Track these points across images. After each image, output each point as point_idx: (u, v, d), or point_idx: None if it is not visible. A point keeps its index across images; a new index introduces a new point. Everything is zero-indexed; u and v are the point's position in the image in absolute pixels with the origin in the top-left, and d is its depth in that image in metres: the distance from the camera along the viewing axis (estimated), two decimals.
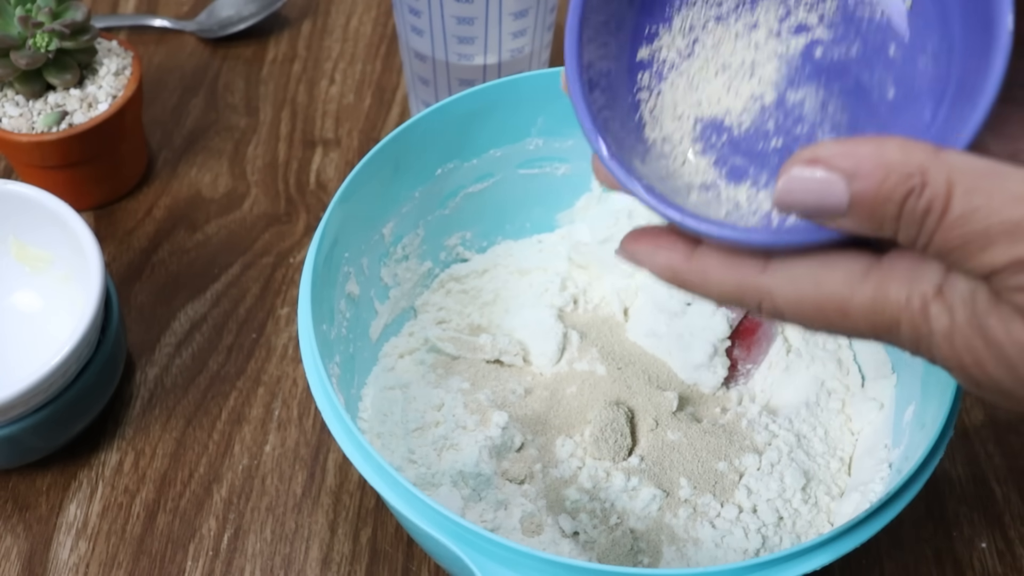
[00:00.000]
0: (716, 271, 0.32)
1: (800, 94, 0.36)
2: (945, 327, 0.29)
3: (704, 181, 0.36)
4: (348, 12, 0.77)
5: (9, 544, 0.52)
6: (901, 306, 0.30)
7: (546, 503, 0.49)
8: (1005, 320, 0.28)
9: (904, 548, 0.52)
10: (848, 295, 0.30)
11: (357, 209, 0.50)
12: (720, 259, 0.32)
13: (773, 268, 0.31)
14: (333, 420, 0.43)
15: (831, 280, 0.30)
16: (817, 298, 0.31)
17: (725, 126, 0.37)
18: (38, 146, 0.60)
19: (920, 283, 0.29)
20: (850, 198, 0.28)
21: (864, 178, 0.28)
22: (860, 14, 0.36)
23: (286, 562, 0.52)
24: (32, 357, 0.55)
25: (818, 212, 0.29)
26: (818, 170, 0.29)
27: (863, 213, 0.29)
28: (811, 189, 0.29)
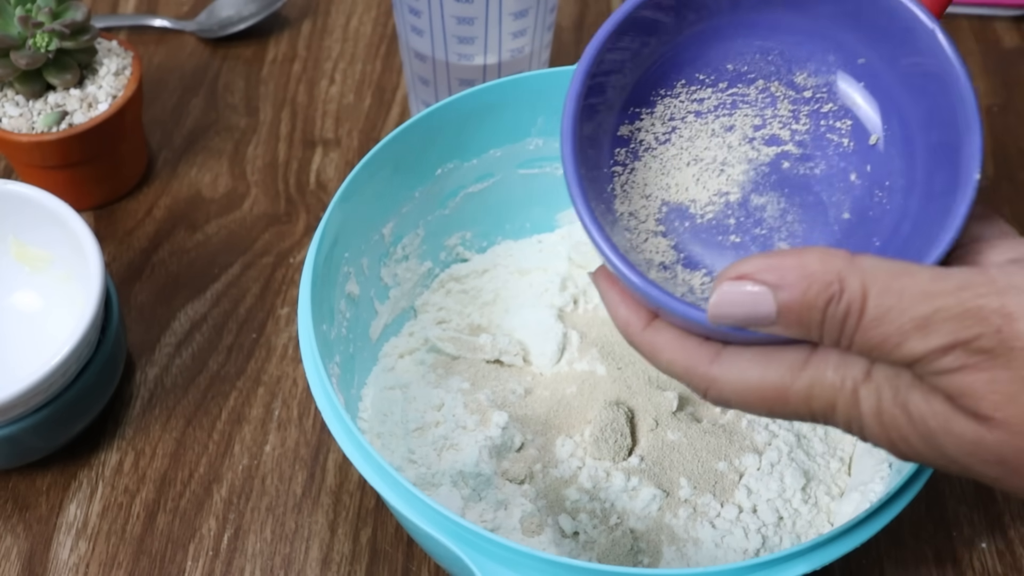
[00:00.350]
0: (667, 350, 0.35)
1: (763, 199, 0.39)
2: (873, 407, 0.32)
3: (663, 261, 0.39)
4: (348, 12, 0.77)
5: (9, 544, 0.52)
6: (836, 389, 0.33)
7: (546, 503, 0.49)
8: (927, 399, 0.31)
9: (904, 548, 0.52)
10: (789, 383, 0.33)
11: (357, 209, 0.50)
12: (673, 339, 0.35)
13: (722, 360, 0.34)
14: (333, 420, 0.43)
15: (774, 372, 0.33)
16: (761, 388, 0.33)
17: (689, 214, 0.39)
18: (38, 146, 0.60)
19: (851, 368, 0.32)
20: (777, 308, 0.31)
21: (788, 289, 0.31)
22: (829, 138, 0.39)
23: (286, 562, 0.52)
24: (32, 357, 0.55)
25: (750, 322, 0.31)
26: (747, 284, 0.31)
27: (791, 320, 0.31)
28: (742, 302, 0.31)
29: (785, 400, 0.33)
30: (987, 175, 0.68)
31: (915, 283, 0.30)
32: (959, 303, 0.30)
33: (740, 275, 0.31)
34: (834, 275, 0.30)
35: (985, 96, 0.73)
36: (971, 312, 0.29)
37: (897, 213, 0.37)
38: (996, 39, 0.76)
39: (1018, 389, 0.29)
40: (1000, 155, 0.69)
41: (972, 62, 0.75)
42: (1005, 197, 0.67)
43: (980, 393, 0.30)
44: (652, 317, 0.36)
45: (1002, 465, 0.31)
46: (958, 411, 0.31)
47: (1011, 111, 0.72)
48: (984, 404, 0.30)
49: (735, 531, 0.48)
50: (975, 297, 0.29)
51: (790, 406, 0.34)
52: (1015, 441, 0.30)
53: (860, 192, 0.38)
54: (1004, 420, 0.29)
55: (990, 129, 0.71)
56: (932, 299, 0.30)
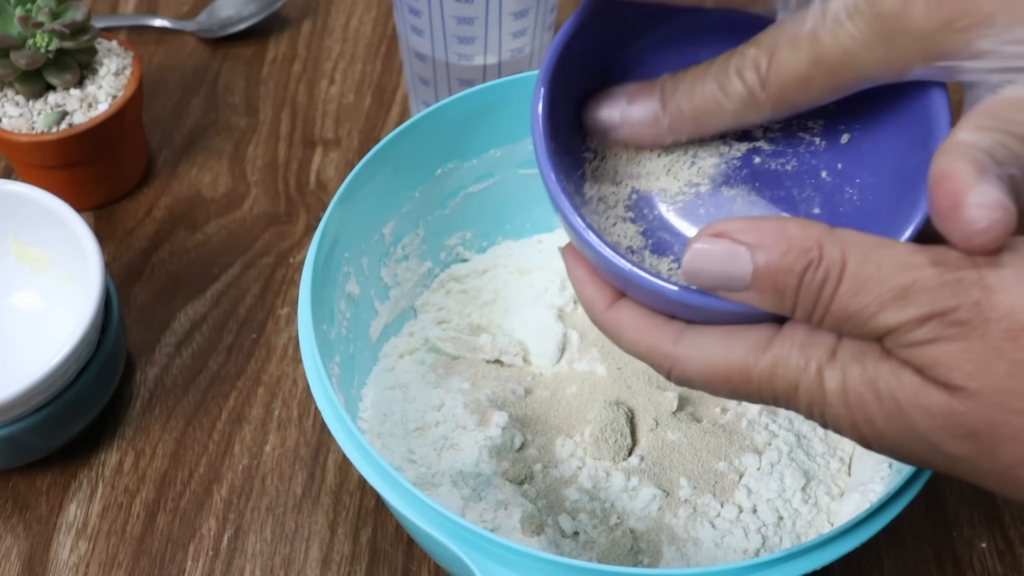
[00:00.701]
0: (631, 329, 0.35)
1: (733, 192, 0.39)
2: (838, 386, 0.32)
3: (631, 245, 0.39)
4: (348, 12, 0.77)
5: (9, 544, 0.52)
6: (800, 370, 0.32)
7: (546, 503, 0.49)
8: (896, 372, 0.31)
9: (904, 548, 0.52)
10: (752, 363, 0.33)
11: (357, 209, 0.50)
12: (637, 319, 0.35)
13: (686, 339, 0.34)
14: (333, 420, 0.43)
15: (737, 351, 0.33)
16: (725, 366, 0.33)
17: (659, 202, 0.39)
18: (38, 146, 0.60)
19: (816, 348, 0.32)
20: (754, 269, 0.30)
21: (767, 250, 0.30)
22: (801, 136, 0.39)
23: (286, 562, 0.52)
24: (32, 357, 0.55)
25: (723, 282, 0.31)
26: (724, 242, 0.31)
27: (766, 285, 0.31)
28: (717, 259, 0.31)
29: (748, 380, 0.33)
30: None
31: (894, 254, 0.30)
32: (937, 275, 0.29)
33: (718, 232, 0.31)
34: (813, 241, 0.30)
35: None
36: (950, 284, 0.29)
37: (868, 208, 0.37)
38: None
39: (992, 359, 0.29)
40: None
41: None
42: None
43: (954, 363, 0.29)
44: (617, 296, 0.36)
45: (972, 439, 0.30)
46: (929, 383, 0.30)
47: None
48: (956, 374, 0.29)
49: (735, 531, 0.48)
50: (954, 270, 0.29)
51: (753, 386, 0.33)
52: (986, 411, 0.29)
53: (831, 188, 0.38)
54: (977, 390, 0.29)
55: None
56: (910, 270, 0.30)
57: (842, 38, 0.33)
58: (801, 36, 0.33)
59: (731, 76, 0.35)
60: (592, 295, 0.36)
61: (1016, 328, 0.29)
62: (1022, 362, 0.29)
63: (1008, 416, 0.29)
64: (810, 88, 0.34)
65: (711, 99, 0.36)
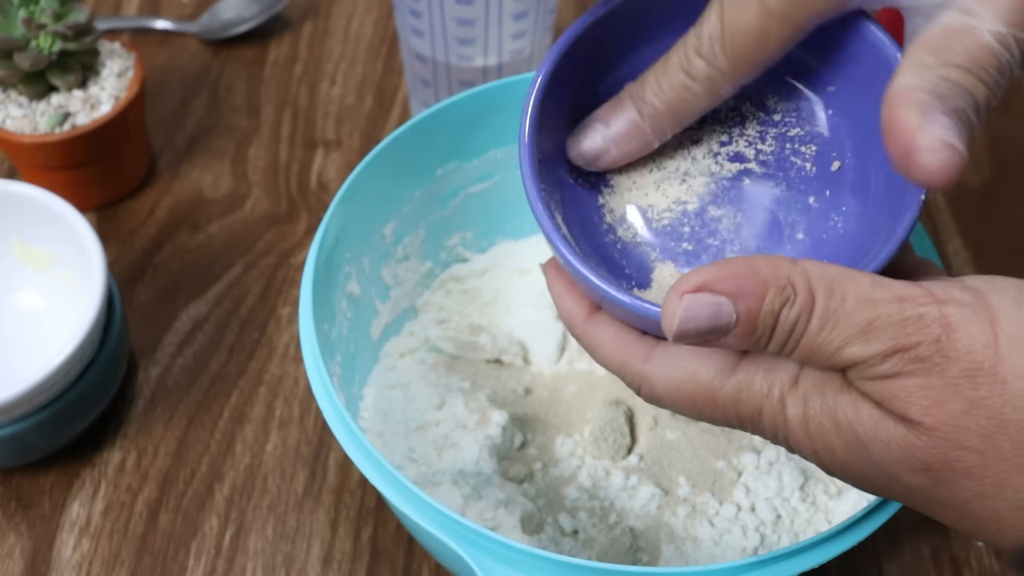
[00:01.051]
0: (605, 345, 0.35)
1: (721, 212, 0.39)
2: (799, 414, 0.32)
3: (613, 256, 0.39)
4: (349, 14, 0.78)
5: (12, 542, 0.53)
6: (763, 396, 0.33)
7: (546, 502, 0.50)
8: (855, 404, 0.31)
9: (902, 546, 0.53)
10: (718, 386, 0.33)
11: (358, 210, 0.51)
12: (611, 336, 0.35)
13: (654, 358, 0.34)
14: (334, 419, 0.43)
15: (704, 372, 0.33)
16: (691, 388, 0.34)
17: (645, 217, 0.40)
18: (41, 147, 0.60)
19: (779, 374, 0.33)
20: (737, 318, 0.31)
21: (747, 297, 0.31)
22: (793, 161, 0.39)
23: (287, 560, 0.52)
24: (35, 357, 0.56)
25: (711, 334, 0.31)
26: (706, 296, 0.31)
27: (748, 328, 0.31)
28: (703, 316, 0.31)
29: (714, 403, 0.34)
30: (983, 175, 0.68)
31: (857, 288, 0.30)
32: (900, 310, 0.30)
33: (698, 286, 0.31)
34: (785, 279, 0.31)
35: None
36: (912, 320, 0.30)
37: (851, 236, 0.37)
38: None
39: (949, 396, 0.29)
40: (998, 155, 0.70)
41: None
42: (1004, 196, 0.67)
43: (912, 398, 0.30)
44: (594, 310, 0.36)
45: (927, 472, 0.31)
46: (887, 416, 0.31)
47: (1009, 111, 0.72)
48: (914, 409, 0.30)
49: (734, 529, 0.49)
50: (916, 306, 0.30)
51: (718, 410, 0.34)
52: (941, 447, 0.30)
53: (816, 215, 0.39)
54: (933, 425, 0.30)
55: (989, 129, 0.71)
56: (874, 305, 0.30)
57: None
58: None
59: (691, 58, 0.35)
60: (571, 308, 0.36)
61: (973, 367, 0.29)
62: (977, 400, 0.29)
63: (962, 452, 0.30)
64: (768, 41, 0.34)
65: (680, 87, 0.36)
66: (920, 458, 0.30)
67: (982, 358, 0.29)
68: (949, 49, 0.31)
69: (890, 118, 0.31)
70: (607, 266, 0.39)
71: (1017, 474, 0.29)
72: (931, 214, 0.66)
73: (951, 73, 0.31)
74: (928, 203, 0.67)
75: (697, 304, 0.31)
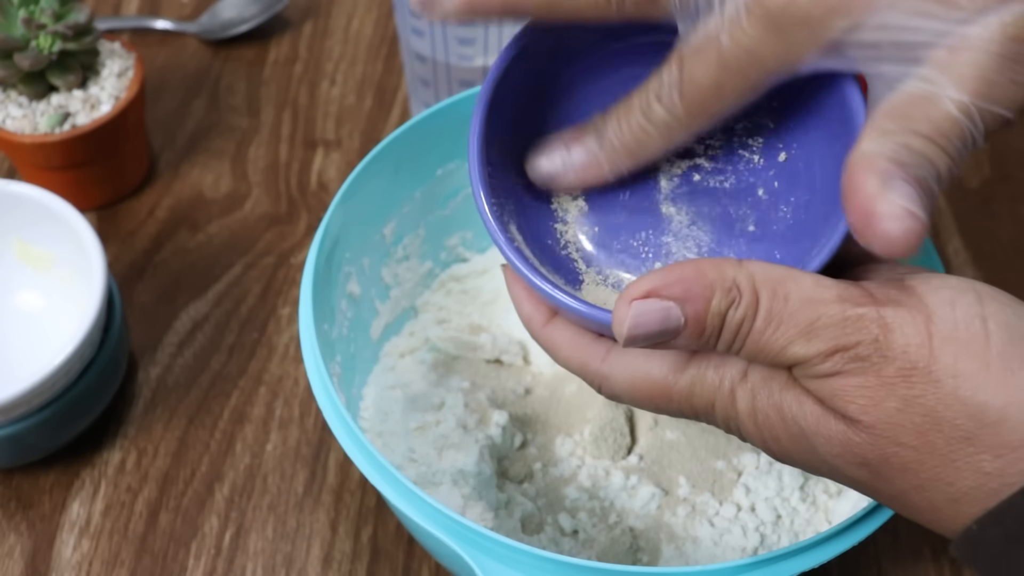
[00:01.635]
0: (563, 348, 0.37)
1: (672, 210, 0.40)
2: (748, 407, 0.33)
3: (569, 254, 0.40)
4: (349, 14, 0.78)
5: (13, 542, 0.53)
6: (715, 388, 0.34)
7: (546, 502, 0.50)
8: (799, 400, 0.32)
9: (902, 546, 0.53)
10: (672, 382, 0.34)
11: (358, 209, 0.51)
12: (568, 339, 0.37)
13: (611, 359, 0.36)
14: (334, 419, 0.43)
15: (658, 369, 0.35)
16: (648, 385, 0.35)
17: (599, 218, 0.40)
18: (41, 147, 0.60)
19: (729, 368, 0.34)
20: (684, 321, 0.32)
21: (694, 300, 0.32)
22: (741, 154, 0.40)
23: (287, 560, 0.52)
24: (35, 356, 0.56)
25: (660, 337, 0.32)
26: (654, 302, 0.32)
27: (696, 330, 0.32)
28: (652, 322, 0.32)
29: (669, 397, 0.35)
30: (983, 176, 0.68)
31: (799, 288, 0.31)
32: (841, 311, 0.31)
33: (646, 292, 0.32)
34: (730, 281, 0.32)
35: None
36: (852, 320, 0.31)
37: (799, 227, 0.38)
38: None
39: (884, 395, 0.30)
40: (997, 155, 0.70)
41: None
42: (1002, 196, 0.67)
43: (850, 397, 0.31)
44: (552, 314, 0.37)
45: (867, 466, 0.32)
46: (829, 413, 0.32)
47: None
48: (853, 407, 0.31)
49: (734, 529, 0.49)
50: (855, 307, 0.31)
51: (674, 403, 0.35)
52: (878, 444, 0.31)
53: (766, 206, 0.39)
54: (870, 423, 0.31)
55: None
56: (815, 306, 0.31)
57: (740, 38, 0.33)
58: (704, 44, 0.34)
59: (651, 103, 0.36)
60: (530, 313, 0.37)
61: (908, 367, 0.30)
62: (912, 399, 0.30)
63: (898, 448, 0.31)
64: (724, 94, 0.35)
65: (639, 130, 0.37)
66: (859, 454, 0.32)
67: (917, 358, 0.30)
68: (912, 117, 0.31)
69: (851, 185, 0.31)
70: (562, 268, 0.39)
71: (950, 468, 0.30)
72: None
73: (913, 141, 0.31)
74: None
75: (646, 310, 0.32)
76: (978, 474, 0.30)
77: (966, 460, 0.30)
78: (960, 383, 0.30)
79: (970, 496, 0.30)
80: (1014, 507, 0.29)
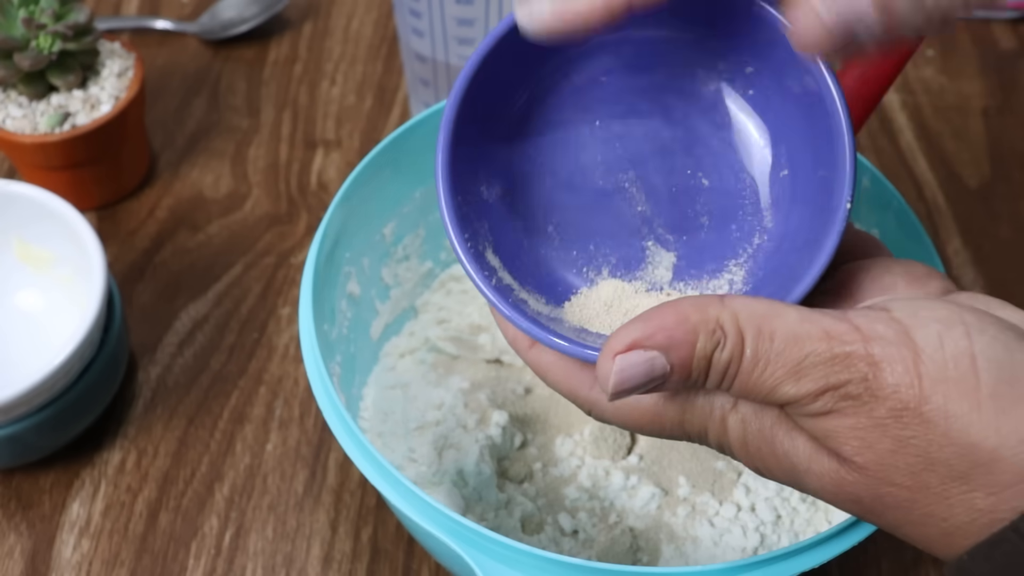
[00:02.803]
0: (552, 373, 0.36)
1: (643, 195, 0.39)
2: (739, 436, 0.33)
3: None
4: (349, 14, 0.78)
5: (12, 542, 0.53)
6: (706, 416, 0.34)
7: (546, 502, 0.50)
8: (792, 436, 0.32)
9: (902, 546, 0.53)
10: (662, 410, 0.34)
11: (358, 209, 0.51)
12: (556, 364, 0.36)
13: (599, 388, 0.35)
14: (334, 419, 0.43)
15: (646, 399, 0.34)
16: (638, 413, 0.35)
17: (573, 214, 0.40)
18: (41, 147, 0.60)
19: (719, 396, 0.33)
20: (671, 366, 0.31)
21: (678, 347, 0.31)
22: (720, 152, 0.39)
23: (287, 560, 0.52)
24: (35, 356, 0.56)
25: (647, 386, 0.32)
26: (638, 353, 0.31)
27: (682, 375, 0.32)
28: (637, 375, 0.32)
29: (660, 425, 0.35)
30: (983, 176, 0.68)
31: (784, 325, 0.31)
32: (828, 348, 0.31)
33: (629, 345, 0.31)
34: (714, 322, 0.31)
35: (982, 98, 0.73)
36: (840, 358, 0.30)
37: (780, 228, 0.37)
38: (993, 41, 0.77)
39: (877, 436, 0.30)
40: (997, 156, 0.70)
41: (969, 64, 0.75)
42: (1001, 197, 0.67)
43: (843, 437, 0.31)
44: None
45: (858, 504, 0.32)
46: (822, 450, 0.32)
47: (1008, 113, 0.72)
48: (846, 448, 0.31)
49: (733, 529, 0.49)
50: (843, 344, 0.31)
51: (666, 430, 0.35)
52: (871, 484, 0.31)
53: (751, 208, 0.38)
54: (863, 464, 0.31)
55: (988, 130, 0.71)
56: (802, 344, 0.31)
57: None
58: None
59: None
60: (515, 335, 0.37)
61: (899, 407, 0.30)
62: (905, 440, 0.30)
63: (892, 488, 0.31)
64: None
65: None
66: (852, 492, 0.32)
67: (908, 398, 0.30)
68: None
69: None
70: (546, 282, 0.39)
71: (943, 505, 0.30)
72: (931, 214, 0.66)
73: None
74: (928, 203, 0.67)
75: (630, 364, 0.31)
76: (971, 510, 0.30)
77: (959, 497, 0.30)
78: (951, 424, 0.30)
79: (963, 530, 0.30)
80: (1004, 542, 0.29)
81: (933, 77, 0.74)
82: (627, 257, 0.39)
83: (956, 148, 0.70)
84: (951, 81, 0.74)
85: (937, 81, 0.74)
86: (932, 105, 0.72)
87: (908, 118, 0.72)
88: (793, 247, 0.37)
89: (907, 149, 0.70)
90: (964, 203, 0.67)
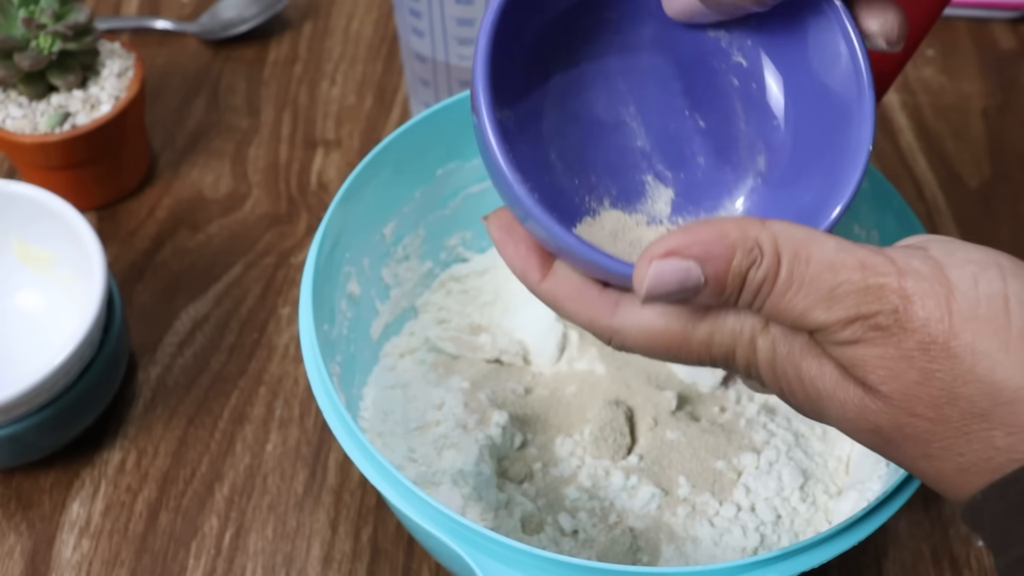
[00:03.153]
0: (569, 303, 0.36)
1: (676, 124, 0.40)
2: (768, 358, 0.34)
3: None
4: (349, 14, 0.78)
5: (13, 542, 0.53)
6: (736, 335, 0.34)
7: (546, 502, 0.50)
8: (820, 362, 0.33)
9: (902, 546, 0.53)
10: (690, 331, 0.34)
11: (358, 209, 0.51)
12: (573, 292, 0.36)
13: (622, 312, 0.35)
14: (334, 419, 0.43)
15: (675, 320, 0.34)
16: (665, 337, 0.35)
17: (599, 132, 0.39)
18: (41, 147, 0.60)
19: (750, 316, 0.34)
20: (704, 280, 0.32)
21: (715, 260, 0.32)
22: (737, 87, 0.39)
23: (287, 560, 0.52)
24: (35, 356, 0.56)
25: (678, 296, 0.32)
26: (674, 260, 0.32)
27: (716, 289, 0.32)
28: (671, 281, 0.32)
29: (688, 347, 0.35)
30: (983, 176, 0.68)
31: (821, 251, 0.31)
32: (863, 278, 0.31)
33: (667, 251, 0.32)
34: (752, 241, 0.32)
35: (982, 98, 0.73)
36: (873, 289, 0.31)
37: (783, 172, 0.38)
38: (993, 41, 0.77)
39: (904, 367, 0.31)
40: (997, 156, 0.70)
41: (969, 64, 0.75)
42: (1001, 197, 0.67)
43: (871, 366, 0.31)
44: (548, 264, 0.36)
45: (877, 434, 0.33)
46: (848, 378, 0.32)
47: (1008, 112, 0.72)
48: (872, 377, 0.31)
49: (733, 529, 0.49)
50: (877, 275, 0.31)
51: (693, 353, 0.35)
52: (894, 413, 0.32)
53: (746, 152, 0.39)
54: (888, 393, 0.31)
55: (988, 131, 0.71)
56: (837, 271, 0.31)
57: None
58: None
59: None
60: (524, 269, 0.36)
61: (928, 340, 0.30)
62: (931, 372, 0.31)
63: (913, 419, 0.31)
64: None
65: None
66: (873, 421, 0.32)
67: (936, 332, 0.30)
68: None
69: None
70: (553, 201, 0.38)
71: (962, 441, 0.31)
72: (931, 214, 0.66)
73: None
74: (928, 203, 0.67)
75: (666, 270, 0.32)
76: (989, 448, 0.30)
77: (979, 434, 0.30)
78: (979, 361, 0.30)
79: (978, 467, 0.31)
80: (1020, 481, 0.30)
81: (933, 77, 0.74)
82: (627, 189, 0.39)
83: (956, 148, 0.70)
84: (951, 81, 0.74)
85: (937, 81, 0.74)
86: (932, 105, 0.72)
87: (908, 118, 0.72)
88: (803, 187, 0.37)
89: (907, 149, 0.70)
90: (964, 203, 0.67)
